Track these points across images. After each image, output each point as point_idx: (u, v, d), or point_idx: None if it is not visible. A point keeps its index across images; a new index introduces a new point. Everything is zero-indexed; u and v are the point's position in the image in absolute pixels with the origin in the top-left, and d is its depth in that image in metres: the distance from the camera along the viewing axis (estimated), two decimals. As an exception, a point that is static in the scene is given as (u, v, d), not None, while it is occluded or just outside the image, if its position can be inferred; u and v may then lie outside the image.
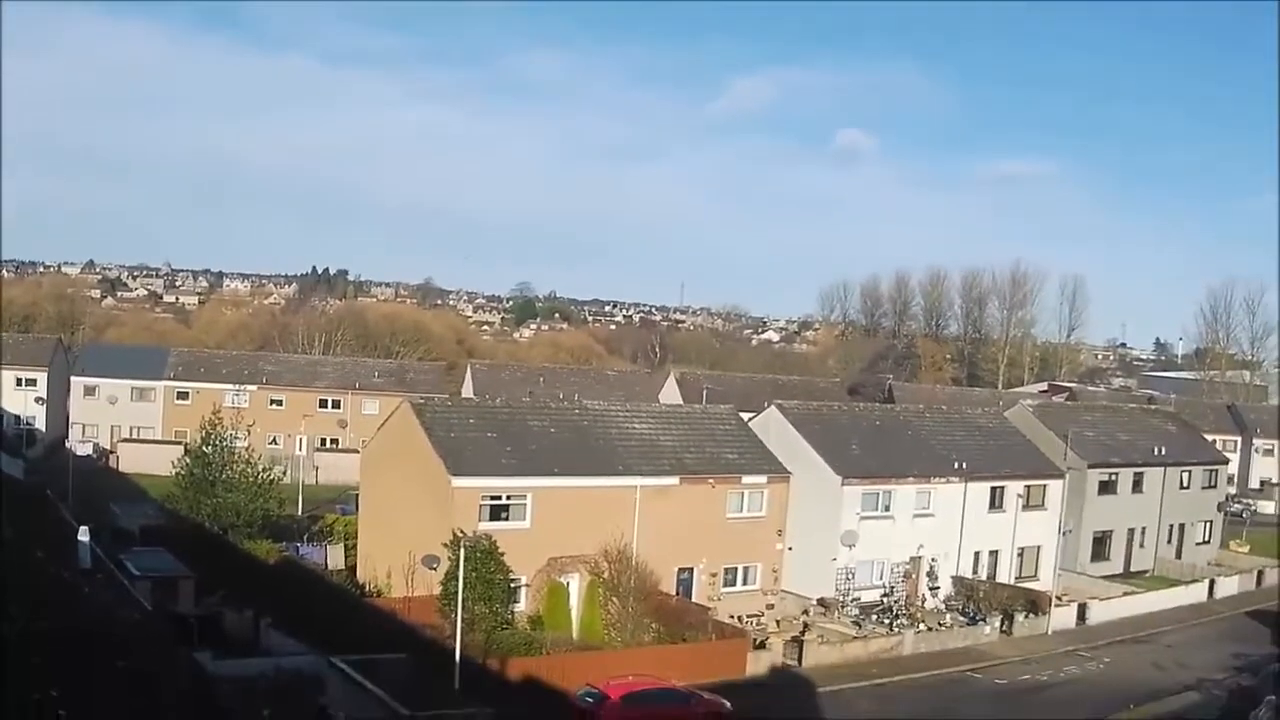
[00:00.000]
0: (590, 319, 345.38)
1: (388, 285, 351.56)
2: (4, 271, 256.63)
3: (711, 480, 64.28)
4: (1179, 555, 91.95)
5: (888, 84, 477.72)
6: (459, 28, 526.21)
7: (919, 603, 71.95)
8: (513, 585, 55.85)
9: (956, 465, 75.59)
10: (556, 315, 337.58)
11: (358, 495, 70.85)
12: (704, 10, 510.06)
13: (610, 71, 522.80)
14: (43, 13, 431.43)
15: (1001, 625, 67.72)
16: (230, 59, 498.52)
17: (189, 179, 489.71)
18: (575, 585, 59.22)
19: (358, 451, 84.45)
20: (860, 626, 65.92)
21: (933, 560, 73.65)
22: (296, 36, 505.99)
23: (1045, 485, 79.60)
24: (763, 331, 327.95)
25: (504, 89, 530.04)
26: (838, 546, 68.59)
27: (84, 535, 54.58)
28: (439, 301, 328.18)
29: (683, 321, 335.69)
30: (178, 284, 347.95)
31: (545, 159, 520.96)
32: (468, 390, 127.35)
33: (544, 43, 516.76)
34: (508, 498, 57.86)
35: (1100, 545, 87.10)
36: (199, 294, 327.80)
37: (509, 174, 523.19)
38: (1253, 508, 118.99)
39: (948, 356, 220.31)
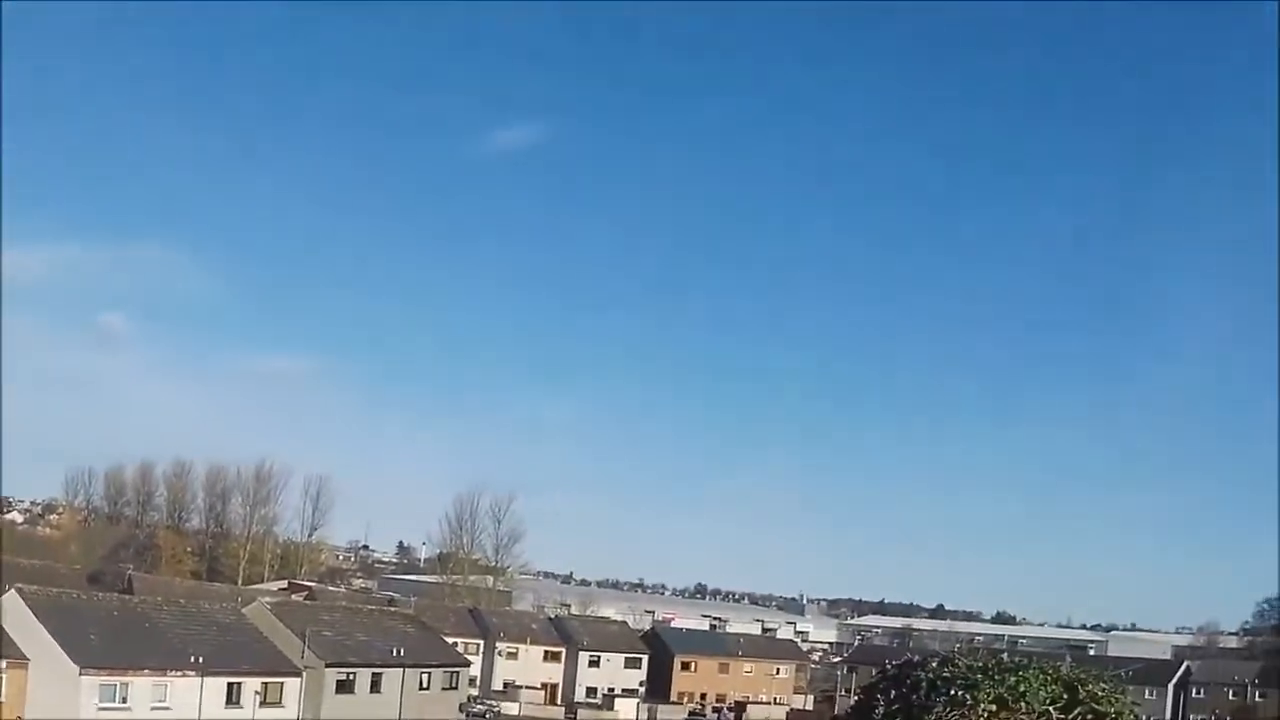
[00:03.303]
0: None
1: None
2: None
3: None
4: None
5: (153, 268, 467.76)
6: None
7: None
8: None
9: (193, 659, 75.22)
10: None
11: None
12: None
13: None
14: None
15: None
16: None
17: None
18: None
19: None
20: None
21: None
22: None
23: (283, 682, 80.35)
24: (7, 512, 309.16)
25: None
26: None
27: None
28: None
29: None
30: None
31: None
32: None
33: None
34: None
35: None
36: None
37: None
38: (497, 709, 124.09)
39: (189, 549, 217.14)
